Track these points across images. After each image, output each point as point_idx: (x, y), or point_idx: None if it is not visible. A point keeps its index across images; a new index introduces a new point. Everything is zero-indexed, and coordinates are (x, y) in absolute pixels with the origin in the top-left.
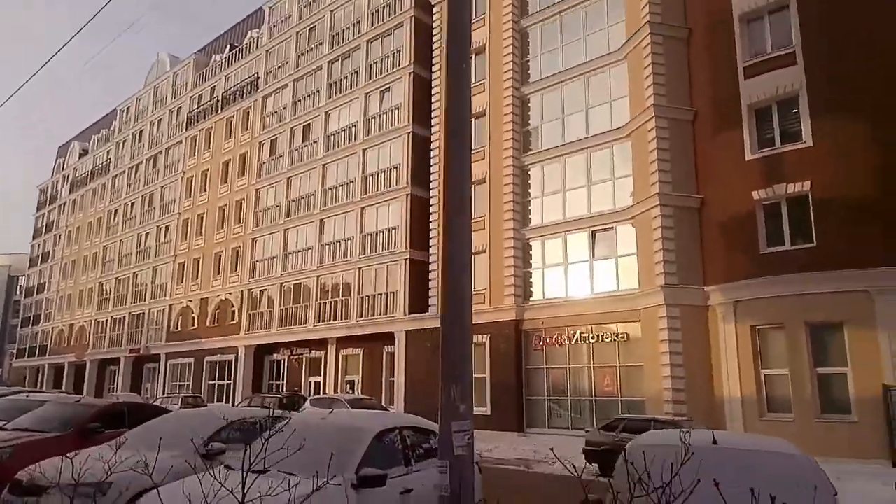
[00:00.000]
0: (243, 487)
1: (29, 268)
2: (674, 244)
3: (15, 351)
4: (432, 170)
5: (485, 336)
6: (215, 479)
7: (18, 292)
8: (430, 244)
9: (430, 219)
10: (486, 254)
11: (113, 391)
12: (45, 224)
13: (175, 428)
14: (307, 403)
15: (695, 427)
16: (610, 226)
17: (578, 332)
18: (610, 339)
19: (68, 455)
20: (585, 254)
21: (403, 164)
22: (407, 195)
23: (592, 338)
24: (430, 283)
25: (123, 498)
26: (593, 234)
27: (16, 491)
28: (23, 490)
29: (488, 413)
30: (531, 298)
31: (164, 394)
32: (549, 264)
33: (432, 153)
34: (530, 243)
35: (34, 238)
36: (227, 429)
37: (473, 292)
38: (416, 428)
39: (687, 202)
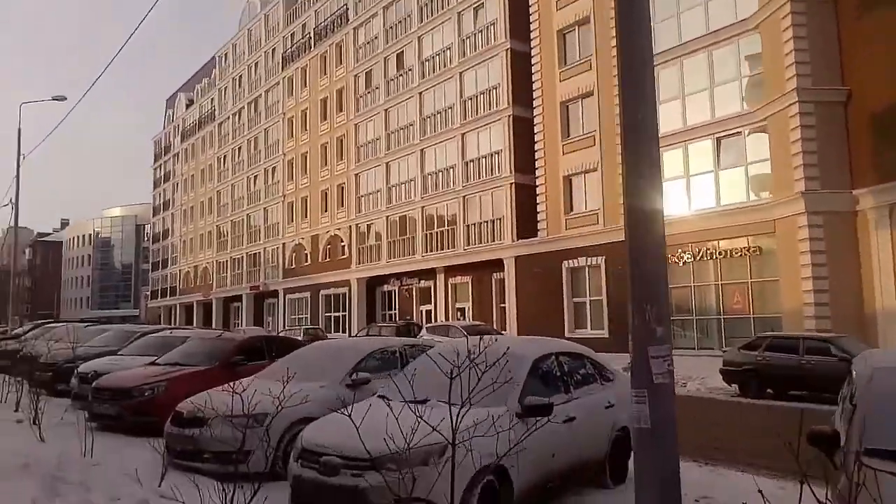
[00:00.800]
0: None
1: (153, 216)
2: (815, 145)
3: (149, 293)
4: (534, 87)
5: (600, 258)
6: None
7: (146, 239)
8: (536, 167)
9: (535, 140)
10: (597, 172)
11: (238, 325)
12: (162, 174)
13: (318, 359)
14: (423, 331)
15: (854, 345)
16: (737, 131)
17: (704, 248)
18: (740, 253)
19: (226, 388)
20: (709, 163)
21: (503, 84)
22: (509, 116)
23: (720, 253)
24: (537, 206)
25: (280, 427)
26: (718, 141)
27: (178, 422)
28: (185, 422)
29: (606, 335)
30: None
31: (285, 326)
32: (668, 178)
33: (533, 69)
34: None
35: (154, 188)
36: (367, 359)
37: (587, 211)
38: (570, 353)
39: (830, 96)
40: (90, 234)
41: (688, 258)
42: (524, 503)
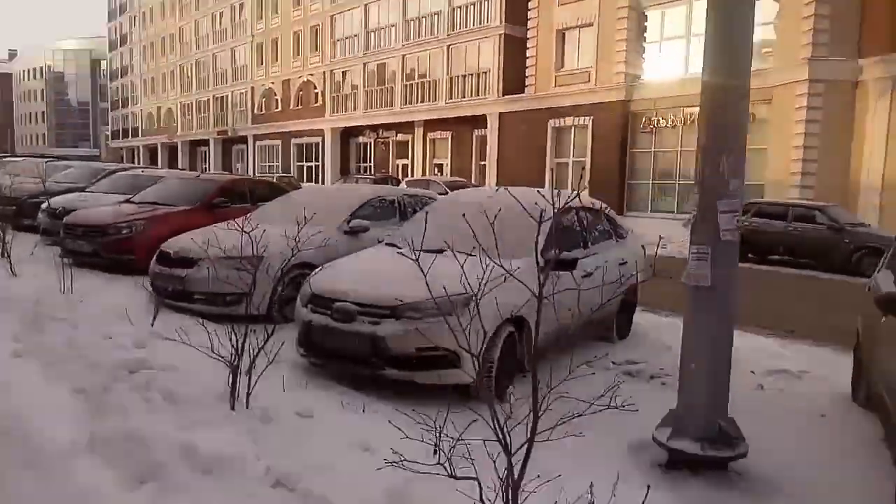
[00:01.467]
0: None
1: (109, 51)
2: (828, 9)
3: (109, 133)
4: None
5: (587, 118)
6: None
7: (103, 77)
8: (529, 17)
9: None
10: (593, 27)
11: (206, 171)
12: (118, 4)
13: (311, 204)
14: (403, 184)
15: (842, 214)
16: None
17: (695, 113)
18: None
19: (215, 228)
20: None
21: None
22: None
23: None
24: (527, 61)
25: (273, 270)
26: None
27: (165, 262)
28: (172, 262)
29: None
30: (642, 77)
31: (255, 174)
32: (667, 37)
33: None
34: (646, 13)
35: (109, 20)
36: (365, 206)
37: (579, 68)
38: (590, 208)
39: None
40: (42, 68)
41: (674, 122)
42: (539, 354)
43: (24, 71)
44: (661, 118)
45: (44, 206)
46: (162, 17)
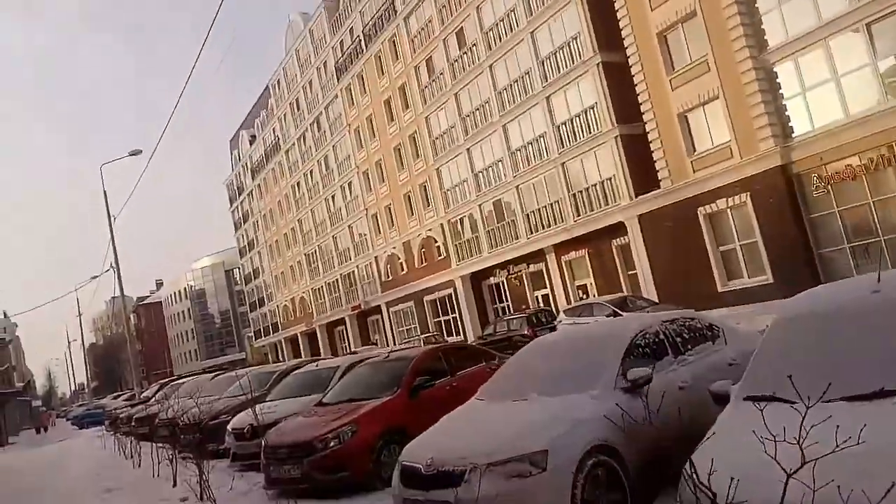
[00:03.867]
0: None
1: (241, 258)
2: None
3: (252, 333)
4: (621, 24)
5: (744, 195)
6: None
7: (238, 282)
8: (642, 111)
9: (634, 83)
10: (719, 100)
11: (345, 348)
12: (241, 215)
13: (559, 361)
14: (561, 315)
15: None
16: (892, 8)
17: (877, 154)
18: None
19: (451, 419)
20: (863, 57)
21: (584, 31)
22: (598, 65)
23: None
24: (653, 154)
25: (569, 463)
26: (868, 27)
27: (415, 482)
28: (425, 481)
29: (770, 280)
30: (794, 135)
31: (395, 341)
32: (809, 86)
33: (617, 5)
34: (774, 69)
35: (236, 230)
36: (631, 349)
37: (715, 146)
38: (678, 319)
39: None
40: (185, 289)
41: (855, 172)
42: (639, 485)
43: (170, 296)
44: (833, 172)
45: (230, 426)
46: (281, 214)
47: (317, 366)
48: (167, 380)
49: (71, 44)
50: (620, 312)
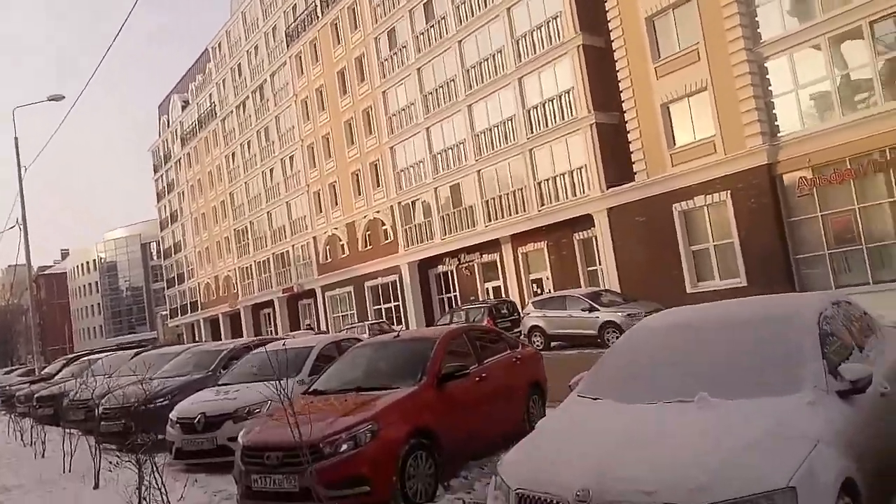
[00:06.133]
0: None
1: (161, 230)
2: None
3: (168, 312)
4: (608, 5)
5: (723, 193)
6: None
7: (156, 257)
8: (623, 99)
9: (616, 68)
10: (706, 92)
11: (271, 333)
12: (165, 185)
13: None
14: (530, 305)
15: None
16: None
17: (868, 159)
18: None
19: (549, 424)
20: (863, 55)
21: (566, 11)
22: (578, 47)
23: None
24: (630, 146)
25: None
26: (871, 25)
27: None
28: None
29: (743, 284)
30: (780, 134)
31: (330, 328)
32: (802, 84)
33: None
34: (766, 64)
35: (158, 201)
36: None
37: (698, 141)
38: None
39: None
40: (94, 261)
41: (842, 176)
42: None
43: (76, 267)
44: (819, 175)
45: (175, 415)
46: (211, 186)
47: (283, 345)
48: (73, 355)
49: None
50: (597, 307)
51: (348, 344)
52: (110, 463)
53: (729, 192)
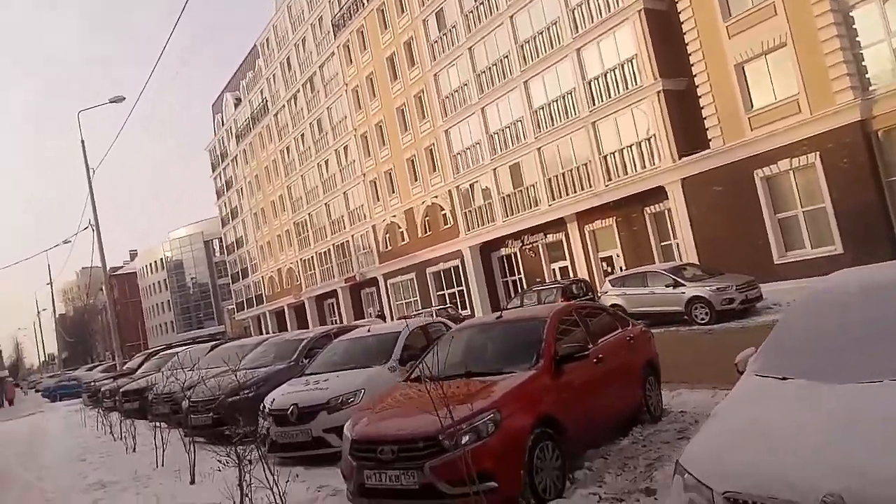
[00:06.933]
0: None
1: (223, 227)
2: None
3: (234, 306)
4: None
5: (811, 155)
6: None
7: (219, 253)
8: (692, 62)
9: (683, 30)
10: (786, 48)
11: (334, 322)
12: (224, 182)
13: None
14: (607, 284)
15: None
16: None
17: None
18: None
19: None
20: None
21: None
22: (640, 11)
23: None
24: (702, 111)
25: None
26: None
27: None
28: None
29: (840, 251)
30: (873, 88)
31: (393, 315)
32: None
33: None
34: (851, 14)
35: (218, 198)
36: None
37: (780, 101)
38: None
39: None
40: (161, 259)
41: None
42: None
43: (145, 267)
44: None
45: (268, 405)
46: (268, 181)
47: (369, 330)
48: (152, 349)
49: None
50: (682, 282)
51: (435, 329)
52: (216, 460)
53: (818, 153)
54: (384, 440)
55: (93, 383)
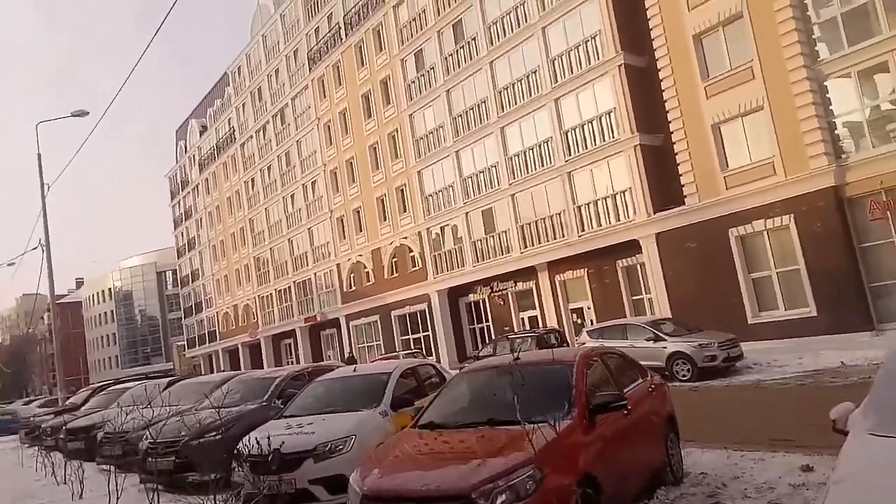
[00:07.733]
0: None
1: (178, 258)
2: None
3: (185, 342)
4: (651, 24)
5: (785, 217)
6: None
7: (172, 285)
8: (670, 119)
9: (662, 88)
10: (762, 111)
11: (291, 363)
12: (182, 211)
13: None
14: (584, 335)
15: None
16: None
17: None
18: None
19: None
20: None
21: (605, 28)
22: (620, 66)
23: None
24: (679, 167)
25: None
26: None
27: None
28: None
29: (813, 314)
30: (846, 155)
31: (356, 357)
32: (869, 102)
33: (647, 2)
34: (825, 83)
35: (175, 227)
36: None
37: (755, 162)
38: None
39: None
40: (109, 289)
41: None
42: None
43: (92, 296)
44: (894, 198)
45: (243, 450)
46: (230, 212)
47: (354, 370)
48: (98, 384)
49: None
50: (663, 337)
51: (425, 371)
52: None
53: (792, 215)
54: (404, 496)
55: (32, 419)
